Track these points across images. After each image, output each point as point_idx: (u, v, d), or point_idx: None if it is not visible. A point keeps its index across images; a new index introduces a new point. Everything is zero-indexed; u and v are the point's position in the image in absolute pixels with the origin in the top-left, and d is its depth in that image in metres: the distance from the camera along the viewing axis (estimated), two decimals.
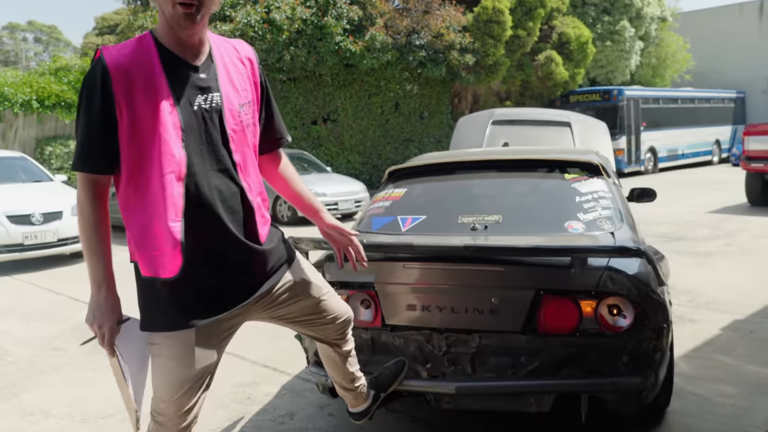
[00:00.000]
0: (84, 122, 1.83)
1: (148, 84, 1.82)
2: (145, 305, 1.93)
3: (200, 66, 1.90)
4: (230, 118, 1.93)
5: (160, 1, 1.82)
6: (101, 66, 1.80)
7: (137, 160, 1.84)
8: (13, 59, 55.77)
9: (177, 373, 1.93)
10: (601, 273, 2.66)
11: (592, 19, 23.62)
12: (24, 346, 5.00)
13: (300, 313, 2.19)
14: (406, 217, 3.43)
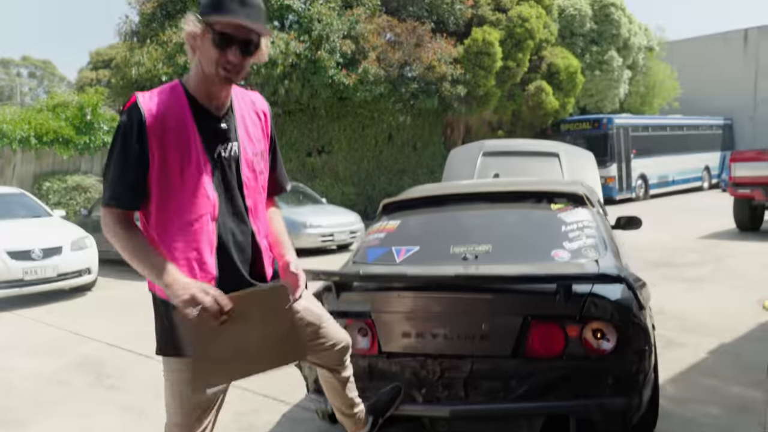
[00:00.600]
0: (119, 164, 1.96)
1: (181, 132, 1.99)
2: (162, 331, 2.06)
3: (222, 117, 2.09)
4: (245, 166, 2.12)
5: (204, 60, 1.98)
6: (137, 112, 1.95)
7: (170, 200, 2.00)
8: (8, 94, 56.13)
9: (190, 398, 2.06)
10: (584, 299, 2.82)
11: (580, 49, 24.10)
12: (28, 380, 5.09)
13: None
14: (400, 248, 3.59)
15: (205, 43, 1.97)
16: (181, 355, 2.01)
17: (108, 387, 4.85)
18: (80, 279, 8.60)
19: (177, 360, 2.04)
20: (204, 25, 1.96)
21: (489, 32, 18.52)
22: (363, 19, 17.37)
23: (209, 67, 1.98)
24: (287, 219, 11.68)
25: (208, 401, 2.09)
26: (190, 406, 2.07)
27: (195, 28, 1.97)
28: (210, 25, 1.94)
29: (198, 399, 2.07)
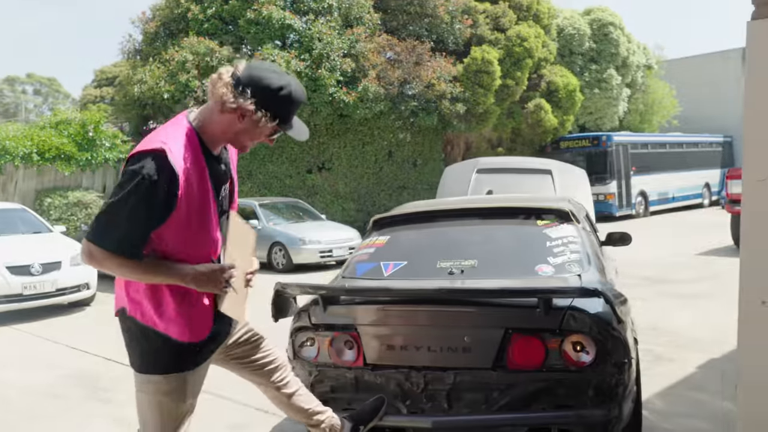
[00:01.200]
0: (138, 216, 1.95)
1: (201, 185, 2.08)
2: (143, 350, 2.14)
3: (220, 157, 2.20)
4: (234, 198, 2.31)
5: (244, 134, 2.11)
6: (169, 169, 1.96)
7: (184, 243, 2.08)
8: (13, 111, 56.55)
9: (171, 409, 2.14)
10: (564, 312, 2.88)
11: (579, 67, 24.30)
12: (24, 394, 5.14)
13: (243, 354, 2.46)
14: (388, 263, 3.66)
15: (256, 131, 2.12)
16: (162, 373, 2.11)
17: (103, 400, 4.90)
18: (79, 294, 8.67)
19: (162, 376, 2.13)
20: (270, 126, 2.10)
21: (488, 51, 18.72)
22: (363, 38, 17.57)
23: (246, 142, 2.16)
24: (286, 235, 11.69)
25: (186, 412, 2.18)
26: (170, 416, 2.14)
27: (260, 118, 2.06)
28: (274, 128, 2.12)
29: (178, 410, 2.15)
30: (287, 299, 3.31)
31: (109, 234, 1.97)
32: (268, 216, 13.23)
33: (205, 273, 2.06)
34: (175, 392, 2.15)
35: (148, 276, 2.04)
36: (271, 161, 17.88)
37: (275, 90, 2.06)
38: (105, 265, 2.01)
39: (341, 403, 3.16)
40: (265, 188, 17.62)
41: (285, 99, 2.09)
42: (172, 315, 2.09)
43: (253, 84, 2.04)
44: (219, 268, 2.08)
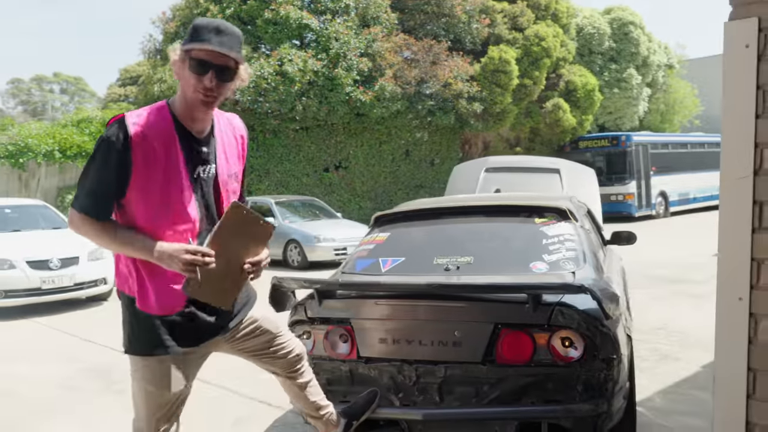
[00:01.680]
0: (97, 174, 2.09)
1: (167, 151, 2.13)
2: (129, 330, 2.22)
3: (203, 140, 2.24)
4: (222, 186, 2.29)
5: (185, 86, 2.14)
6: (123, 130, 2.06)
7: (152, 215, 2.12)
8: (41, 110, 57.56)
9: (155, 395, 2.23)
10: (552, 308, 2.92)
11: (599, 67, 24.16)
12: (40, 385, 5.29)
13: (257, 347, 2.51)
14: (386, 259, 3.73)
15: (185, 70, 2.12)
16: (146, 354, 2.18)
17: (117, 392, 5.02)
18: (96, 288, 8.86)
19: (142, 358, 2.20)
20: (183, 53, 2.11)
21: (505, 50, 18.70)
22: (380, 38, 17.67)
23: (189, 92, 2.13)
24: (301, 232, 11.83)
25: (172, 399, 2.25)
26: (156, 402, 2.22)
27: (176, 56, 2.13)
28: (188, 52, 2.10)
29: (163, 397, 2.23)
30: (285, 293, 3.39)
31: (80, 197, 2.12)
32: (284, 214, 13.37)
33: (167, 251, 2.07)
34: (158, 378, 2.20)
35: (120, 245, 2.12)
36: (288, 160, 18.05)
37: (191, 27, 2.16)
38: (81, 229, 2.12)
39: (337, 396, 3.23)
40: (282, 186, 17.79)
41: (193, 26, 2.16)
42: (143, 284, 2.15)
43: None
44: (184, 248, 2.07)
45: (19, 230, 9.34)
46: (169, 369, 2.21)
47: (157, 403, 2.23)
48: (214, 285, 2.13)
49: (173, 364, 2.22)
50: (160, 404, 2.23)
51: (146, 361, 2.20)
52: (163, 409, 2.24)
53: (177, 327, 2.19)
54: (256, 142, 17.71)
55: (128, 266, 2.19)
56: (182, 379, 2.26)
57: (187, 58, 2.11)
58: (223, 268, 2.15)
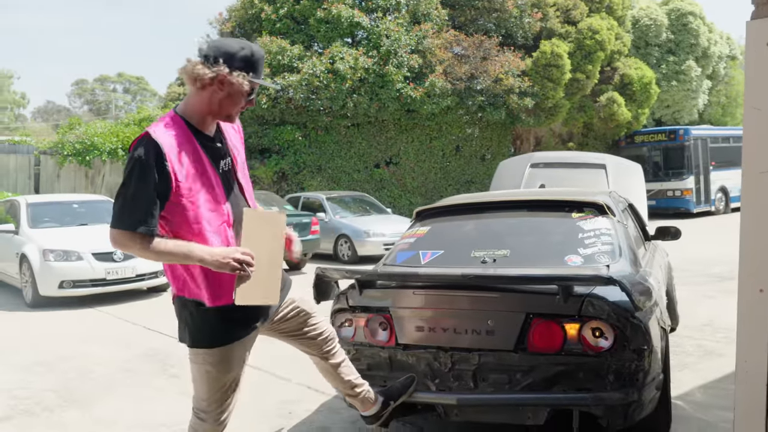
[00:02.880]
0: (141, 193, 2.20)
1: (196, 158, 2.33)
2: (191, 325, 2.43)
3: (215, 137, 2.46)
4: (240, 173, 2.52)
5: (227, 103, 2.35)
6: (154, 146, 2.22)
7: (193, 217, 2.30)
8: (105, 109, 59.79)
9: (217, 378, 2.46)
10: (583, 299, 3.02)
11: (656, 59, 23.61)
12: (102, 366, 5.67)
13: (292, 328, 2.71)
14: (426, 252, 3.87)
15: (236, 92, 2.34)
16: (207, 347, 2.42)
17: (172, 375, 5.34)
18: (156, 280, 9.30)
19: (205, 350, 2.43)
20: (249, 83, 2.34)
21: (558, 45, 18.51)
22: (430, 35, 17.75)
23: (230, 109, 2.38)
24: (352, 227, 12.12)
25: (231, 380, 2.49)
26: (217, 384, 2.46)
27: (236, 80, 2.30)
28: (250, 82, 2.35)
29: (224, 378, 2.46)
30: (329, 283, 3.58)
31: (123, 216, 2.23)
32: (335, 209, 13.64)
33: (218, 254, 2.26)
34: (220, 363, 2.44)
35: (169, 255, 2.27)
36: (339, 156, 18.34)
37: (237, 51, 2.33)
38: (128, 246, 2.25)
39: (377, 381, 3.41)
40: (333, 182, 18.09)
41: (248, 55, 2.34)
42: (203, 282, 2.35)
43: (219, 53, 2.30)
44: (235, 250, 2.28)
45: (86, 224, 9.86)
46: (228, 356, 2.44)
47: (218, 384, 2.46)
48: (260, 287, 2.33)
49: (232, 351, 2.45)
50: (220, 385, 2.47)
51: (209, 351, 2.43)
52: (223, 388, 2.48)
53: (233, 318, 2.41)
54: (309, 139, 18.07)
55: (182, 269, 2.39)
56: (239, 363, 2.50)
57: (242, 85, 2.33)
58: (263, 269, 2.34)
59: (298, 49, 17.02)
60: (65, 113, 59.47)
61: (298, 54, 16.90)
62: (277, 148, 17.86)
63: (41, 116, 64.12)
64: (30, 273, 8.70)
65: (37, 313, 8.44)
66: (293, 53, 16.80)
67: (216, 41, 2.42)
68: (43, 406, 4.62)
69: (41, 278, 8.59)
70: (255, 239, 2.35)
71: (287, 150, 17.85)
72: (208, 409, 2.51)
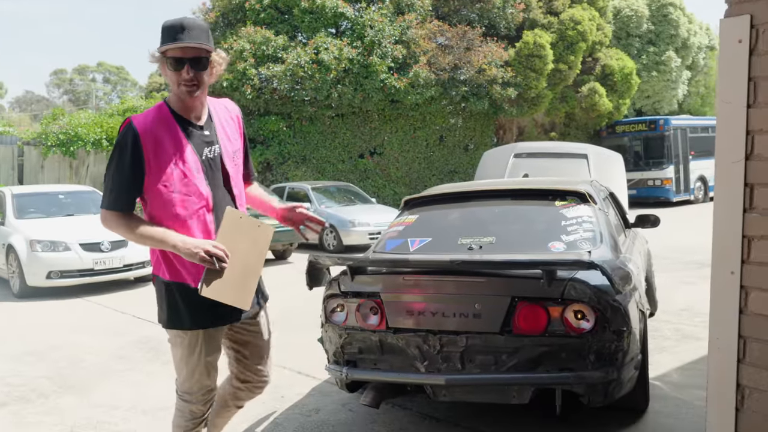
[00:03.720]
0: (117, 174, 2.40)
1: (174, 142, 2.44)
2: (169, 307, 2.54)
3: (203, 125, 2.55)
4: (228, 162, 2.60)
5: (170, 83, 2.46)
6: (132, 131, 2.39)
7: (169, 201, 2.42)
8: (84, 99, 59.13)
9: (193, 359, 2.57)
10: (566, 283, 3.16)
11: (636, 50, 23.88)
12: (94, 355, 5.74)
13: (241, 346, 2.78)
14: (414, 239, 4.00)
15: (166, 69, 2.43)
16: (183, 328, 2.53)
17: (163, 362, 5.43)
18: (144, 270, 9.34)
19: (179, 331, 2.55)
20: (161, 54, 2.43)
21: (540, 35, 18.67)
22: (414, 25, 17.82)
23: (174, 87, 2.45)
24: (337, 217, 12.26)
25: (209, 362, 2.59)
26: (193, 364, 2.56)
27: (157, 60, 2.44)
28: (164, 53, 2.42)
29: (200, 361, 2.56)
30: (321, 270, 3.70)
31: (105, 197, 2.45)
32: (320, 199, 13.72)
33: (190, 243, 2.37)
34: (193, 348, 2.54)
35: (147, 239, 2.42)
36: (324, 146, 18.39)
37: (161, 29, 2.44)
38: (110, 224, 2.45)
39: (369, 363, 3.54)
40: (318, 172, 18.15)
41: (162, 28, 2.43)
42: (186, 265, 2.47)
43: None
44: (208, 242, 2.37)
45: (72, 215, 9.87)
46: (203, 338, 2.55)
47: (194, 365, 2.57)
48: (229, 287, 2.39)
49: (204, 336, 2.55)
50: (196, 366, 2.57)
51: (185, 332, 2.54)
52: (200, 368, 2.58)
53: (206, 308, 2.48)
54: (293, 130, 18.09)
55: (160, 253, 2.52)
56: (213, 348, 2.61)
57: (165, 59, 2.43)
58: (236, 270, 2.40)
59: (282, 40, 17.02)
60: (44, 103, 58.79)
61: (282, 44, 16.90)
62: (262, 139, 17.87)
63: (19, 106, 63.29)
64: (17, 264, 8.71)
65: (24, 303, 8.46)
66: (277, 43, 16.80)
67: None
68: (38, 392, 4.70)
69: (28, 269, 8.61)
70: (231, 238, 2.41)
71: (272, 140, 17.87)
72: (191, 390, 2.61)
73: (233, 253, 2.40)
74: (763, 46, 2.27)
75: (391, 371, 3.47)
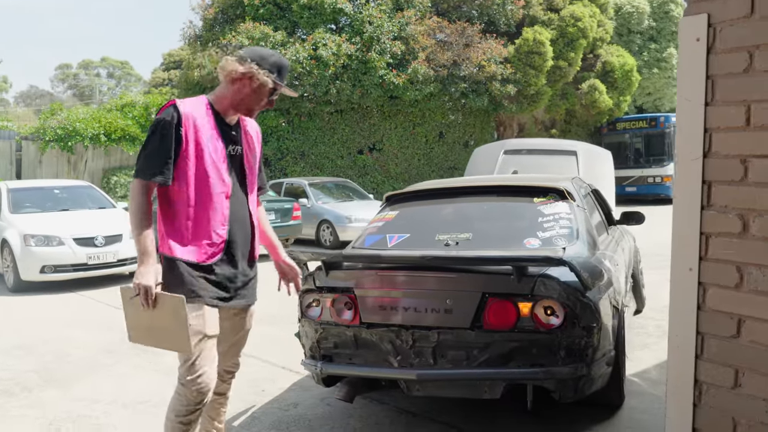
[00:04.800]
0: (158, 146, 2.61)
1: (209, 131, 2.71)
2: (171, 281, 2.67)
3: (233, 126, 2.84)
4: (247, 163, 2.85)
5: (250, 99, 2.73)
6: (176, 111, 2.64)
7: (198, 180, 2.67)
8: (89, 94, 59.27)
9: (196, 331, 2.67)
10: (535, 279, 3.18)
11: (638, 47, 23.81)
12: (83, 349, 5.79)
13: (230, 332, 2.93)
14: (393, 235, 4.03)
15: (260, 90, 2.73)
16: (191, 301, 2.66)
17: (150, 353, 5.46)
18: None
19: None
20: (273, 83, 2.73)
21: (540, 32, 18.64)
22: (413, 21, 17.82)
23: (253, 104, 2.76)
24: (334, 213, 12.29)
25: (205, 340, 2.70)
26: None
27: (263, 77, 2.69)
28: (277, 85, 2.76)
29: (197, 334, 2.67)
30: (297, 264, 3.73)
31: (144, 167, 2.63)
32: (318, 195, 13.76)
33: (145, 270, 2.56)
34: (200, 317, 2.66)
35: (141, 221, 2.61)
36: (323, 142, 18.42)
37: (268, 56, 2.77)
38: (136, 197, 2.62)
39: (344, 358, 3.57)
40: (317, 168, 18.19)
41: (276, 61, 2.77)
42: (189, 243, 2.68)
43: (251, 55, 2.74)
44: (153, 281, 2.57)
45: (68, 209, 9.92)
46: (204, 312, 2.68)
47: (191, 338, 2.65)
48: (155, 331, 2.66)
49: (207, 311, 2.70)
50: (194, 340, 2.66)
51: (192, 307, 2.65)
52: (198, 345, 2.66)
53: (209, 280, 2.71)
54: (292, 126, 18.13)
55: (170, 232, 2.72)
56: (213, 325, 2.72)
57: (264, 83, 2.72)
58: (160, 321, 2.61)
59: (281, 36, 17.04)
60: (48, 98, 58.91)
61: (281, 40, 16.92)
62: None
63: (24, 101, 63.50)
64: (11, 258, 8.77)
65: (19, 297, 8.52)
66: (276, 39, 16.82)
67: (252, 48, 2.85)
68: (22, 386, 4.74)
69: (22, 263, 8.66)
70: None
71: (270, 136, 17.90)
72: (187, 374, 2.69)
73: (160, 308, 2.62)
74: (720, 44, 2.29)
75: (365, 366, 3.50)
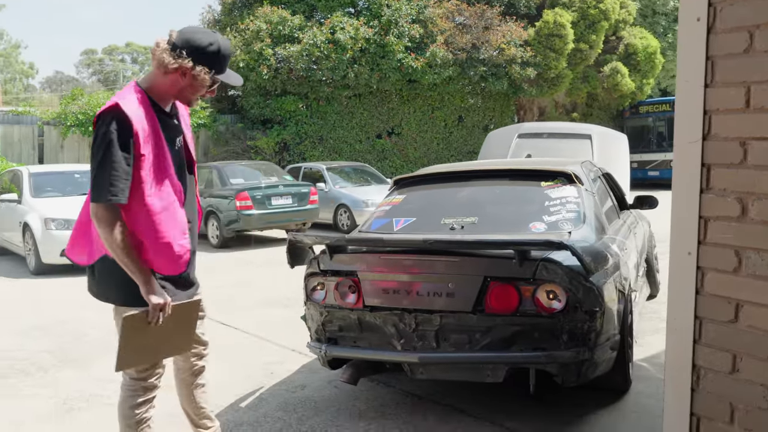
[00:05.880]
0: (116, 163, 2.29)
1: (154, 134, 2.44)
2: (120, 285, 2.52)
3: (172, 113, 2.59)
4: (187, 149, 2.65)
5: (189, 89, 2.49)
6: (125, 118, 2.32)
7: (146, 193, 2.39)
8: (113, 79, 59.80)
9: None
10: (537, 263, 3.17)
11: (662, 28, 23.37)
12: (97, 329, 5.89)
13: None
14: (399, 219, 4.03)
15: (199, 82, 2.48)
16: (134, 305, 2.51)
17: None
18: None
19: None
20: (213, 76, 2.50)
21: (561, 14, 18.37)
22: (431, 4, 17.66)
23: (190, 96, 2.54)
24: (351, 197, 12.29)
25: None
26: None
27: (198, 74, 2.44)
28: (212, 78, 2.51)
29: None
30: (302, 248, 3.75)
31: (103, 188, 2.32)
32: (335, 179, 13.78)
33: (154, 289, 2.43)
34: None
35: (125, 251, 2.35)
36: (341, 126, 18.41)
37: (205, 46, 2.45)
38: (102, 221, 2.34)
39: (349, 341, 3.60)
40: (335, 153, 18.20)
41: (214, 53, 2.47)
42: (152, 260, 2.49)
43: (187, 46, 2.42)
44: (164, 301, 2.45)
45: (87, 193, 10.03)
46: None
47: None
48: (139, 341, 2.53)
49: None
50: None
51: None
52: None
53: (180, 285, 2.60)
54: (310, 110, 18.13)
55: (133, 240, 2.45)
56: None
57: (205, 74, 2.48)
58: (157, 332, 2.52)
59: (299, 19, 17.00)
60: (73, 83, 59.56)
61: (298, 24, 16.88)
62: (279, 119, 17.94)
63: (50, 86, 64.29)
64: (33, 241, 8.93)
65: (40, 280, 8.69)
66: (294, 23, 16.79)
67: (187, 32, 2.49)
68: (37, 366, 4.85)
69: (43, 246, 8.81)
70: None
71: (289, 120, 17.93)
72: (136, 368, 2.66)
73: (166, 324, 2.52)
74: (721, 24, 2.24)
75: (369, 349, 3.52)
